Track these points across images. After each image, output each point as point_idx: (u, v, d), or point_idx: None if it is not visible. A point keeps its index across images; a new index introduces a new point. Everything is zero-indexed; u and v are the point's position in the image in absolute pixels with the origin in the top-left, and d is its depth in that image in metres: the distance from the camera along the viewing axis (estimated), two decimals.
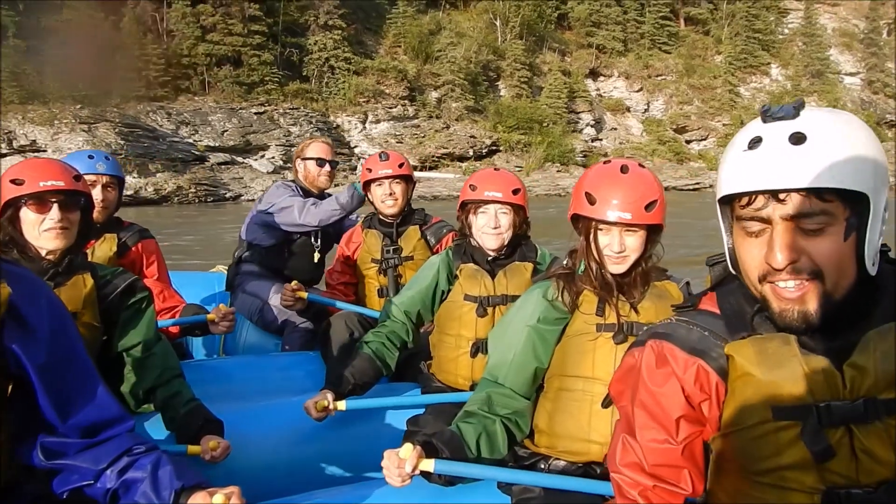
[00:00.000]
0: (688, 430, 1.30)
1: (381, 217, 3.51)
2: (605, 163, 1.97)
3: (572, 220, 1.98)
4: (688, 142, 60.79)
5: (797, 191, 1.11)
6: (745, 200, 1.17)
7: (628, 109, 62.86)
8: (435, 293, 2.72)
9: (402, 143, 47.74)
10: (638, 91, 63.74)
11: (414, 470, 1.68)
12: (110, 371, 2.13)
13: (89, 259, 2.37)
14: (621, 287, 1.96)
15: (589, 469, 1.89)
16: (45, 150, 34.50)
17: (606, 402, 1.86)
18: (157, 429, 2.26)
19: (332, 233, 4.05)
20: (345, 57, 47.95)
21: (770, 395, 1.19)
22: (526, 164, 48.41)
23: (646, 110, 63.08)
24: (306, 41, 47.86)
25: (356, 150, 46.37)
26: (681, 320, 1.36)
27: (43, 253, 2.09)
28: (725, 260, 1.30)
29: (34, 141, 34.80)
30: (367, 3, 53.00)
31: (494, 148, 49.89)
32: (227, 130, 40.18)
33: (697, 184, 47.11)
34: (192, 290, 4.01)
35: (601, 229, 1.89)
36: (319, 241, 3.97)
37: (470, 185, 2.62)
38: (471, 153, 48.36)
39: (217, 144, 39.62)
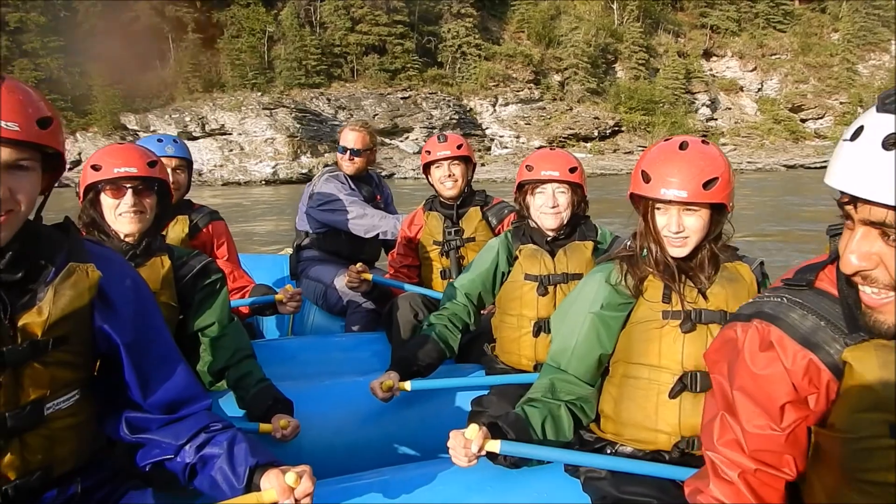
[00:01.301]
0: (793, 416, 1.22)
1: (441, 199, 3.46)
2: (665, 140, 1.87)
3: (632, 200, 1.90)
4: (803, 120, 60.76)
5: (875, 204, 1.01)
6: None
7: (742, 89, 63.27)
8: (495, 275, 2.70)
9: (529, 124, 50.28)
10: (752, 70, 64.01)
11: (480, 450, 1.66)
12: (185, 350, 2.05)
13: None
14: (686, 271, 1.85)
15: (657, 456, 1.81)
16: (230, 133, 38.67)
17: (674, 392, 1.79)
18: (229, 406, 2.28)
19: (382, 209, 4.11)
20: (476, 43, 50.73)
21: (890, 411, 1.09)
22: (650, 144, 49.92)
23: (759, 89, 63.32)
24: (440, 29, 50.82)
25: (487, 132, 49.13)
26: (793, 301, 1.24)
27: (121, 236, 2.15)
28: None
29: (223, 125, 39.00)
30: None
31: (617, 129, 51.69)
32: (377, 114, 43.51)
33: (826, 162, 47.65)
34: (259, 272, 4.04)
35: (658, 209, 1.80)
36: None
37: (526, 166, 2.58)
38: (595, 133, 50.34)
39: (370, 127, 42.99)
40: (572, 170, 2.53)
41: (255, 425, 2.09)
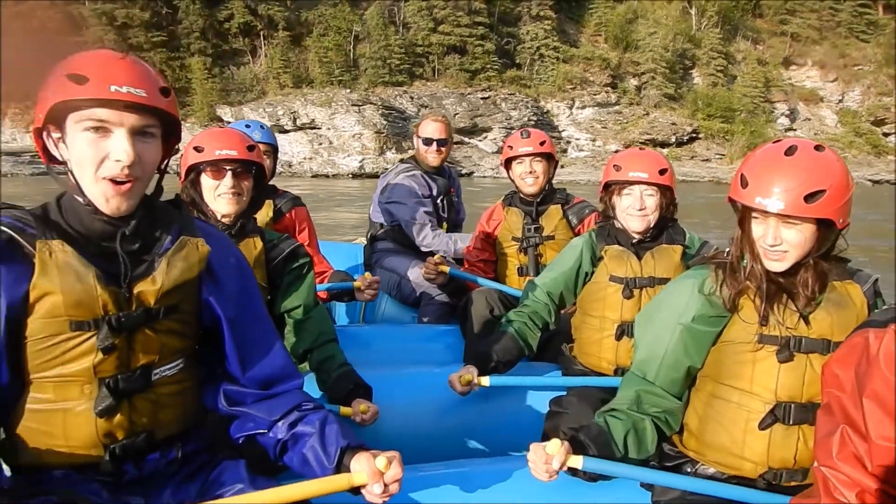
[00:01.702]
0: None
1: (521, 195, 3.42)
2: (775, 142, 1.70)
3: (731, 203, 1.74)
4: (886, 134, 59.22)
5: None
6: None
7: (822, 100, 62.01)
8: (578, 275, 2.64)
9: (606, 128, 50.48)
10: (833, 81, 62.66)
11: (562, 466, 1.59)
12: None
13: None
14: (787, 289, 1.68)
15: (742, 482, 1.69)
16: (319, 128, 40.05)
17: (765, 424, 1.66)
18: (310, 388, 2.22)
19: (455, 202, 4.11)
20: (553, 46, 51.20)
21: None
22: (728, 152, 49.67)
23: (840, 101, 61.95)
24: (518, 31, 51.47)
25: (563, 134, 49.50)
26: None
27: (218, 216, 2.21)
28: None
29: (313, 120, 40.44)
30: None
31: (694, 135, 51.41)
32: (457, 113, 44.38)
33: None
34: (335, 259, 4.01)
35: (755, 217, 1.64)
36: (446, 211, 4.00)
37: (614, 166, 2.51)
38: (672, 139, 50.20)
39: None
40: (662, 171, 2.44)
41: (336, 408, 2.11)
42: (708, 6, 58.64)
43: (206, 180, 2.20)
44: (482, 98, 46.17)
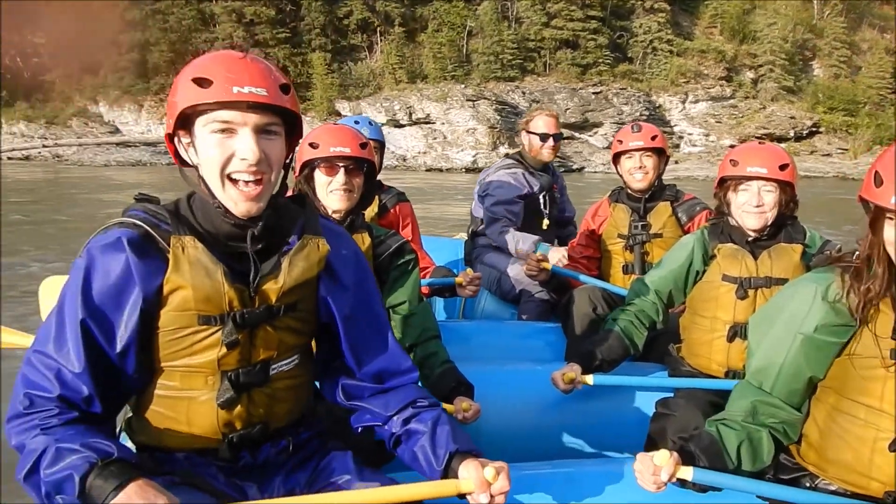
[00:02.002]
0: None
1: (629, 191, 3.36)
2: None
3: (862, 202, 1.60)
4: None
5: None
6: None
7: None
8: (688, 274, 2.56)
9: (720, 122, 49.07)
10: None
11: (670, 478, 1.54)
12: None
13: None
14: None
15: (867, 500, 1.60)
16: (434, 122, 40.92)
17: (895, 445, 1.53)
18: None
19: (559, 199, 4.09)
20: (667, 39, 50.14)
21: None
22: (852, 147, 47.43)
23: None
24: (631, 24, 50.68)
25: (675, 129, 48.46)
26: None
27: (329, 211, 2.24)
28: None
29: (428, 115, 41.33)
30: None
31: (815, 129, 49.31)
32: (568, 108, 44.27)
33: None
34: (435, 254, 4.02)
35: (889, 219, 1.49)
36: (548, 207, 3.95)
37: (731, 160, 2.40)
38: (791, 134, 48.31)
39: (561, 120, 43.98)
40: (783, 167, 2.33)
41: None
42: None
43: (320, 176, 2.25)
44: (593, 93, 45.87)
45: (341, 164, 2.24)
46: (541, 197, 3.91)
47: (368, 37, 47.63)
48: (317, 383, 1.73)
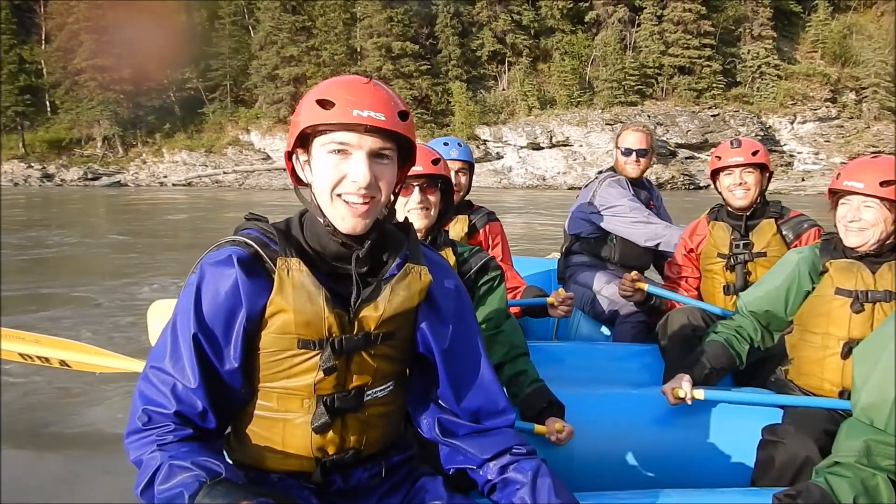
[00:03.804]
0: None
1: (728, 209, 3.22)
2: None
3: None
4: None
5: None
6: None
7: None
8: (790, 293, 2.41)
9: (829, 142, 51.47)
10: None
11: None
12: None
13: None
14: None
15: None
16: (572, 145, 44.26)
17: None
18: None
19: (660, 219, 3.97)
20: (774, 64, 52.92)
21: None
22: None
23: None
24: (739, 51, 53.62)
25: (785, 149, 51.01)
26: None
27: None
28: None
29: (567, 138, 44.75)
30: (781, 12, 57.36)
31: None
32: (689, 130, 47.27)
33: None
34: (527, 274, 4.00)
35: None
36: None
37: (838, 172, 2.32)
38: None
39: (683, 142, 46.94)
40: (886, 183, 2.19)
41: (530, 425, 2.07)
42: None
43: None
44: (711, 115, 48.79)
45: (415, 184, 2.23)
46: None
47: (498, 66, 51.33)
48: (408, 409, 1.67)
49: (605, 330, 3.76)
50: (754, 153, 3.11)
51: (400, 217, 2.00)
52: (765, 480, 2.03)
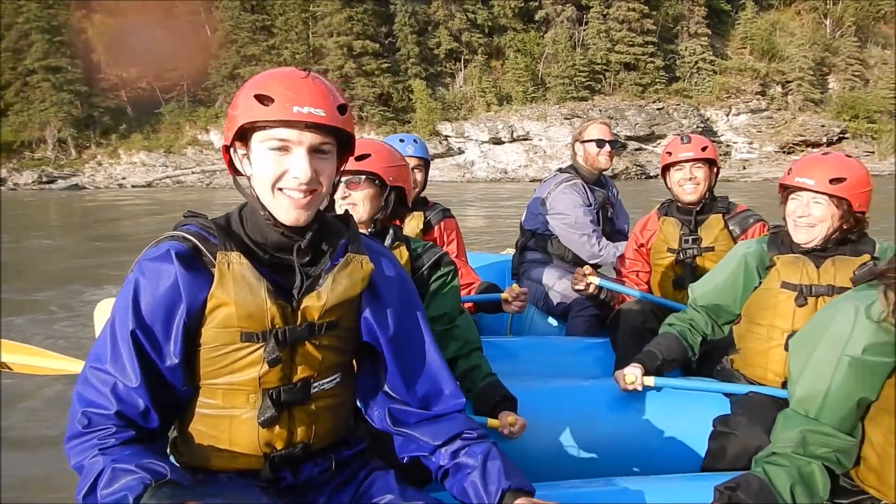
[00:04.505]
0: None
1: (678, 204, 3.28)
2: None
3: None
4: None
5: None
6: None
7: None
8: (737, 286, 2.49)
9: (761, 132, 55.42)
10: None
11: None
12: None
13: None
14: None
15: None
16: (532, 139, 46.25)
17: None
18: None
19: (612, 219, 4.07)
20: (710, 60, 56.51)
21: None
22: (878, 150, 54.13)
23: None
24: (678, 48, 56.95)
25: (723, 139, 54.57)
26: None
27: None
28: None
29: (528, 132, 46.72)
30: (713, 10, 61.14)
31: (843, 135, 55.89)
32: (637, 123, 50.08)
33: None
34: (484, 270, 4.06)
35: None
36: (601, 223, 3.90)
37: (790, 168, 2.35)
38: (823, 140, 54.75)
39: (632, 134, 49.72)
40: (835, 181, 2.20)
41: (483, 419, 2.11)
42: (846, 16, 63.11)
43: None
44: (657, 109, 51.74)
45: (341, 179, 2.17)
46: (597, 213, 3.88)
47: (455, 64, 52.82)
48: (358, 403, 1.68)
49: (558, 324, 3.80)
50: (703, 149, 3.22)
51: (340, 210, 2.09)
52: (716, 469, 2.03)
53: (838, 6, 63.89)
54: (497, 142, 46.52)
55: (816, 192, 2.26)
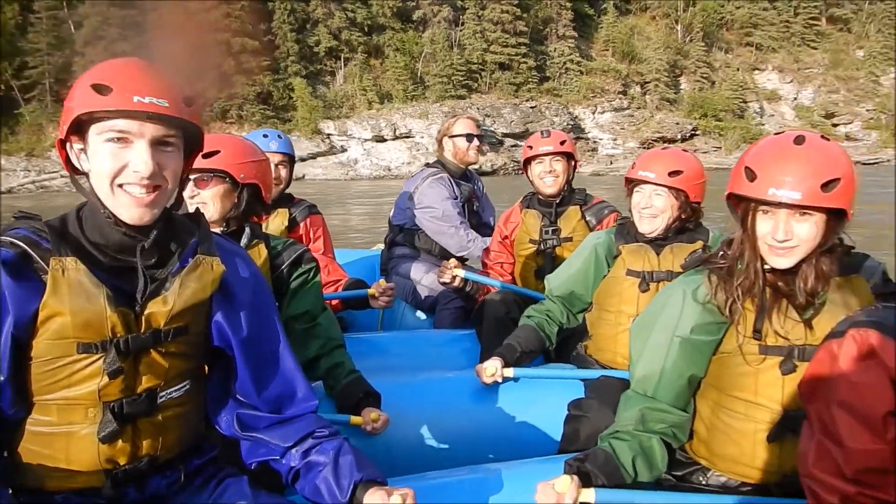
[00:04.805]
0: None
1: (539, 197, 3.39)
2: (776, 133, 1.63)
3: (729, 201, 1.67)
4: (835, 125, 70.82)
5: None
6: None
7: (780, 98, 73.37)
8: (589, 274, 2.61)
9: (624, 129, 59.76)
10: (789, 83, 74.13)
11: (574, 503, 1.53)
12: None
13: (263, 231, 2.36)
14: (785, 292, 1.61)
15: (755, 488, 1.68)
16: (415, 137, 47.60)
17: (774, 435, 1.62)
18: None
19: (478, 212, 4.10)
20: (577, 60, 60.22)
21: None
22: (724, 145, 59.81)
23: (795, 99, 73.42)
24: (547, 49, 60.22)
25: (590, 136, 58.41)
26: (888, 306, 1.22)
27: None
28: None
29: (410, 130, 47.98)
30: (579, 14, 65.11)
31: (694, 132, 61.28)
32: (513, 120, 52.64)
33: (877, 159, 57.80)
34: (353, 266, 4.03)
35: (762, 211, 1.56)
36: (467, 217, 3.93)
37: (634, 163, 2.50)
38: (678, 136, 59.83)
39: (508, 131, 52.26)
40: (673, 173, 2.37)
41: (346, 417, 2.09)
42: (695, 22, 69.04)
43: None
44: (530, 107, 54.60)
45: (189, 177, 2.06)
46: (463, 206, 3.92)
47: (335, 62, 53.18)
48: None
49: (427, 318, 3.82)
50: (562, 143, 3.30)
51: (191, 209, 1.93)
52: (571, 451, 2.08)
53: (688, 13, 69.76)
54: (380, 140, 47.51)
55: (657, 184, 2.40)
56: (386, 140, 47.89)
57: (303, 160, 45.58)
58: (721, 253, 1.71)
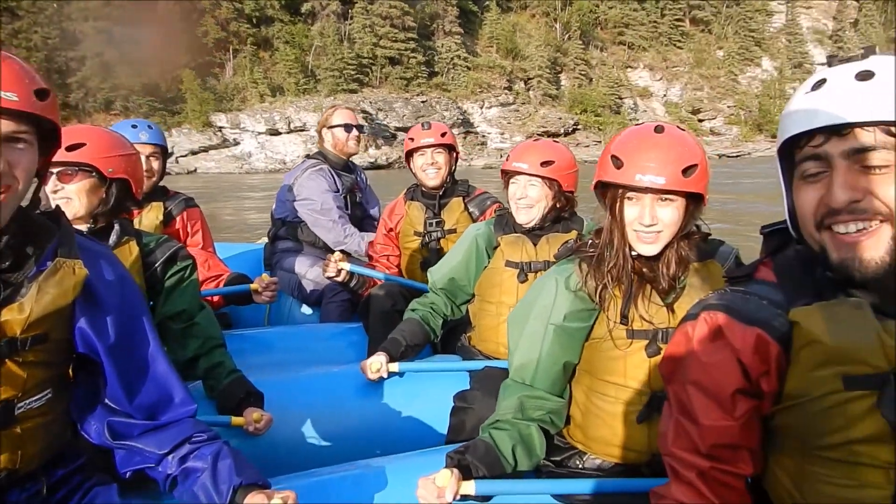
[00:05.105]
0: (745, 405, 1.21)
1: (423, 189, 3.38)
2: (637, 124, 1.72)
3: (597, 190, 1.72)
4: (700, 120, 76.92)
5: (860, 125, 1.05)
6: (803, 142, 1.11)
7: (651, 95, 78.75)
8: (471, 266, 2.63)
9: (510, 123, 62.31)
10: (659, 80, 79.68)
11: (455, 496, 1.55)
12: None
13: (136, 227, 2.25)
14: (649, 278, 1.71)
15: (629, 470, 1.75)
16: (309, 130, 47.83)
17: (643, 416, 1.69)
18: (198, 398, 1.98)
19: (362, 204, 4.05)
20: (463, 56, 62.17)
21: (841, 362, 1.09)
22: (604, 139, 63.61)
23: (664, 95, 79.07)
24: (435, 44, 61.77)
25: (479, 130, 60.57)
26: (736, 290, 1.27)
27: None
28: (784, 225, 1.22)
29: (305, 123, 48.08)
30: (463, 11, 67.17)
31: (576, 127, 64.80)
32: (405, 114, 53.83)
33: (739, 152, 63.37)
34: (237, 260, 3.96)
35: (629, 198, 1.64)
36: (350, 209, 3.88)
37: (507, 155, 2.52)
38: (561, 131, 63.13)
39: (400, 125, 53.41)
40: (545, 163, 2.40)
41: (227, 418, 2.03)
42: (572, 21, 72.79)
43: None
44: (421, 101, 55.99)
45: (52, 171, 1.96)
46: (345, 198, 3.86)
47: (225, 54, 52.33)
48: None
49: (313, 312, 3.77)
50: (443, 135, 3.29)
51: (54, 204, 1.84)
52: (457, 442, 2.07)
53: (565, 12, 73.42)
54: (274, 133, 47.40)
55: (531, 174, 2.41)
56: (281, 133, 47.84)
57: (194, 153, 44.98)
58: (591, 242, 1.77)
